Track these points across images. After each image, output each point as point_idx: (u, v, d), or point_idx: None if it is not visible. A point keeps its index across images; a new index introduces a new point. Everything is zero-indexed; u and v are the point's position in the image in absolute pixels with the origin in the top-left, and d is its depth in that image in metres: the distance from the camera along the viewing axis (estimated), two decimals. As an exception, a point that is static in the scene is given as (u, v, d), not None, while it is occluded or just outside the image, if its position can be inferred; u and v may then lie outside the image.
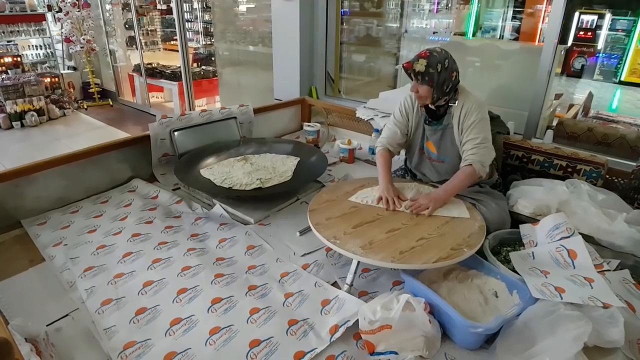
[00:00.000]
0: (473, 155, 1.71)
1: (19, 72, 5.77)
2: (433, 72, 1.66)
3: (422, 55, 1.68)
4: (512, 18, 5.60)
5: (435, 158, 1.90)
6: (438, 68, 1.66)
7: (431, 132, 1.86)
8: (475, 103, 1.74)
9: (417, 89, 1.73)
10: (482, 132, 1.72)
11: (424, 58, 1.67)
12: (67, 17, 5.98)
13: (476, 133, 1.72)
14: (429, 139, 1.89)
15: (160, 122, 2.39)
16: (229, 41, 4.82)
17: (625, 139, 2.37)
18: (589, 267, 1.37)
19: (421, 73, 1.67)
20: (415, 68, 1.68)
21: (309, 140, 3.01)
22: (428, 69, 1.66)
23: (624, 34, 7.07)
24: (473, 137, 1.72)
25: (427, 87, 1.70)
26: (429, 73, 1.66)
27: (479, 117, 1.72)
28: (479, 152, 1.71)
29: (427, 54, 1.68)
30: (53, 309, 1.43)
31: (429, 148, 1.91)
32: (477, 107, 1.73)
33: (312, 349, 1.28)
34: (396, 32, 3.81)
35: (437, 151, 1.87)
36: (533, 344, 1.16)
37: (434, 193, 1.75)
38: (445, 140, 1.83)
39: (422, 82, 1.69)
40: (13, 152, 4.69)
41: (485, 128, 1.75)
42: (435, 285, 1.46)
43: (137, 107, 6.57)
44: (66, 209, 2.08)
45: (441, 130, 1.82)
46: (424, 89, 1.71)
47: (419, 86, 1.72)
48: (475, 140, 1.72)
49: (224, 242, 1.84)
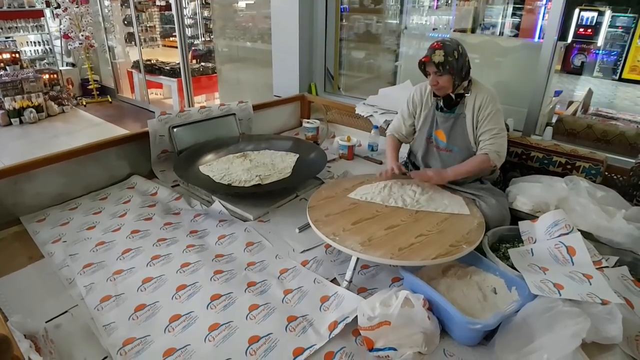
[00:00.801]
0: (491, 145, 1.75)
1: (17, 68, 5.76)
2: (452, 60, 1.68)
3: (437, 47, 1.69)
4: (512, 14, 5.58)
5: (444, 147, 1.90)
6: (455, 55, 1.69)
7: (443, 119, 1.87)
8: (489, 95, 1.76)
9: (437, 80, 1.74)
10: (498, 123, 1.76)
11: (439, 49, 1.69)
12: (66, 13, 5.96)
13: (494, 124, 1.75)
14: (440, 127, 1.89)
15: (159, 119, 2.38)
16: (228, 37, 4.81)
17: (625, 136, 2.37)
18: (588, 263, 1.38)
19: (441, 63, 1.68)
20: (434, 60, 1.69)
21: (308, 136, 3.01)
22: (447, 57, 1.68)
23: (623, 31, 7.05)
24: (490, 127, 1.75)
25: (449, 76, 1.72)
26: (449, 61, 1.68)
27: (495, 109, 1.75)
28: (496, 142, 1.74)
29: (441, 44, 1.70)
30: (52, 306, 1.43)
31: (437, 137, 1.92)
32: (492, 99, 1.75)
33: (311, 345, 1.28)
34: (396, 28, 3.79)
35: (447, 139, 1.88)
36: (532, 340, 1.16)
37: (442, 170, 1.79)
38: (456, 130, 1.84)
39: (443, 73, 1.71)
40: (12, 149, 4.68)
41: (501, 119, 1.78)
42: (434, 281, 1.46)
43: (136, 103, 6.56)
44: (65, 205, 2.08)
45: (453, 119, 1.83)
46: (445, 79, 1.73)
47: (439, 77, 1.73)
48: (492, 131, 1.75)
49: (223, 239, 1.84)
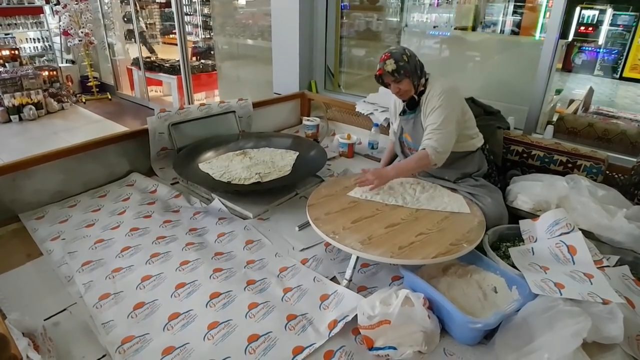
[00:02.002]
0: (427, 140, 1.74)
1: (16, 65, 5.74)
2: (404, 64, 1.73)
3: (386, 57, 1.73)
4: (513, 12, 5.57)
5: (413, 147, 1.95)
6: (405, 58, 1.73)
7: (405, 122, 1.93)
8: (439, 89, 1.76)
9: (398, 87, 1.78)
10: (440, 117, 1.71)
11: (389, 59, 1.73)
12: (65, 9, 5.94)
13: (434, 118, 1.73)
14: (405, 129, 1.95)
15: (159, 116, 2.37)
16: (228, 35, 4.79)
17: (626, 134, 2.36)
18: (589, 263, 1.37)
19: (395, 70, 1.72)
20: (387, 70, 1.73)
21: (308, 134, 3.00)
22: (398, 63, 1.72)
23: (624, 29, 7.04)
24: (431, 122, 1.75)
25: (407, 79, 1.75)
26: (401, 66, 1.72)
27: (440, 103, 1.73)
28: (433, 137, 1.72)
29: (389, 54, 1.74)
30: (51, 304, 1.43)
31: (406, 138, 1.98)
32: (439, 93, 1.74)
33: (310, 343, 1.27)
34: (396, 26, 3.78)
35: (412, 140, 1.93)
36: (532, 340, 1.16)
37: (383, 169, 1.80)
38: (417, 129, 1.87)
39: (400, 78, 1.74)
40: (11, 146, 4.67)
41: (446, 113, 1.71)
42: (434, 280, 1.46)
43: (136, 100, 6.55)
44: (64, 203, 2.07)
45: (412, 119, 1.88)
46: (405, 83, 1.77)
47: (399, 85, 1.77)
48: (432, 126, 1.74)
49: (223, 237, 1.83)
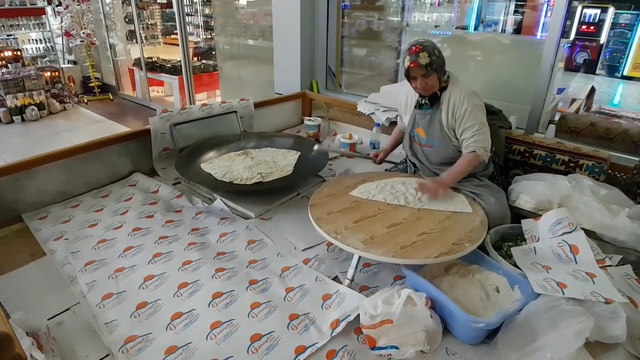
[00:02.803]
0: (475, 143, 1.76)
1: (19, 66, 5.75)
2: (435, 59, 1.72)
3: (418, 50, 1.71)
4: (514, 12, 5.56)
5: (425, 143, 1.94)
6: (436, 53, 1.72)
7: (421, 116, 1.91)
8: (463, 92, 1.77)
9: (425, 82, 1.75)
10: (477, 119, 1.76)
11: (422, 51, 1.70)
12: (67, 10, 5.96)
13: (472, 120, 1.76)
14: (419, 124, 1.93)
15: (161, 116, 2.37)
16: (229, 35, 4.79)
17: (628, 133, 2.35)
18: (591, 262, 1.37)
19: (428, 64, 1.70)
20: (422, 63, 1.70)
21: (309, 134, 3.00)
22: (431, 57, 1.70)
23: (627, 28, 7.01)
24: (470, 124, 1.76)
25: (435, 75, 1.74)
26: (433, 60, 1.71)
27: (471, 105, 1.76)
28: (479, 139, 1.76)
29: (421, 47, 1.71)
30: (54, 303, 1.43)
31: (418, 133, 1.96)
32: (466, 96, 1.76)
33: (313, 343, 1.28)
34: (397, 25, 3.77)
35: (426, 135, 1.92)
36: (534, 339, 1.16)
37: (438, 177, 1.79)
38: (434, 125, 1.86)
39: (431, 72, 1.73)
40: (14, 146, 4.69)
41: (480, 114, 1.78)
42: (436, 280, 1.46)
43: (138, 101, 6.56)
44: (67, 203, 2.08)
45: (430, 115, 1.86)
46: (432, 79, 1.75)
47: (426, 79, 1.74)
48: (473, 128, 1.76)
49: (225, 237, 1.84)
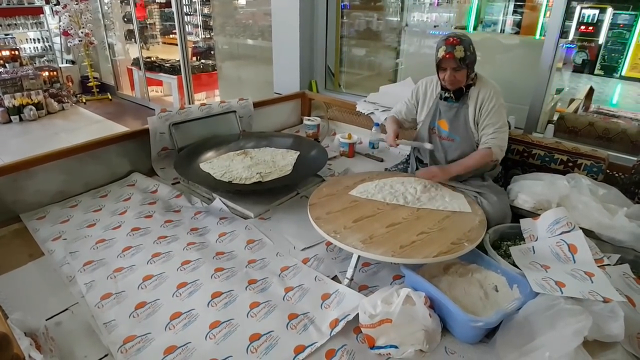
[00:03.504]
0: (494, 140, 1.77)
1: (16, 65, 5.74)
2: (470, 54, 1.71)
3: (456, 42, 1.68)
4: (513, 12, 5.57)
5: (446, 136, 1.91)
6: (471, 49, 1.72)
7: (446, 108, 1.88)
8: (494, 89, 1.78)
9: (454, 75, 1.74)
10: (501, 118, 1.78)
11: (459, 44, 1.68)
12: (65, 10, 5.94)
13: (497, 118, 1.76)
14: (443, 116, 1.90)
15: (160, 116, 2.37)
16: (228, 35, 4.79)
17: (626, 133, 2.36)
18: (590, 261, 1.37)
19: (462, 58, 1.69)
20: (457, 56, 1.68)
21: (309, 134, 3.00)
22: (466, 52, 1.69)
23: (625, 29, 7.04)
24: (494, 121, 1.77)
25: (465, 70, 1.73)
26: (468, 56, 1.70)
27: (499, 103, 1.76)
28: (498, 137, 1.77)
29: (458, 40, 1.69)
30: (53, 303, 1.43)
31: (440, 126, 1.92)
32: (496, 93, 1.77)
33: (312, 342, 1.28)
34: (397, 25, 3.78)
35: (449, 128, 1.89)
36: (533, 338, 1.16)
37: (447, 166, 1.79)
38: (459, 119, 1.85)
39: (461, 67, 1.72)
40: (12, 146, 4.67)
41: (504, 114, 1.80)
42: (435, 279, 1.46)
43: (136, 101, 6.55)
44: (65, 203, 2.07)
45: (456, 108, 1.85)
46: (462, 74, 1.74)
47: (456, 73, 1.73)
48: (495, 125, 1.77)
49: (224, 236, 1.84)
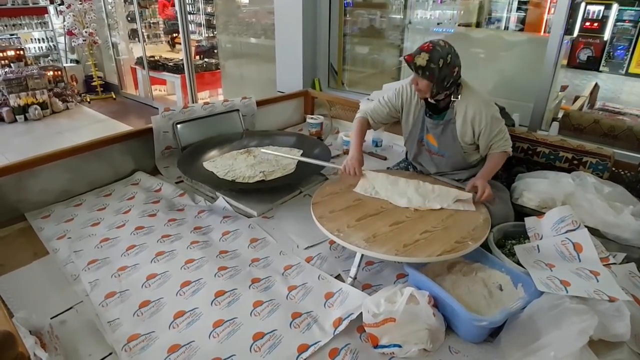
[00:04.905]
0: (505, 142, 1.79)
1: (21, 65, 5.77)
2: (434, 68, 1.60)
3: (425, 49, 1.62)
4: (517, 9, 5.54)
5: (436, 152, 1.89)
6: (440, 63, 1.60)
7: (432, 125, 1.83)
8: (480, 104, 1.72)
9: (416, 82, 1.70)
10: (499, 123, 1.77)
11: (426, 52, 1.61)
12: (69, 9, 5.97)
13: (496, 126, 1.76)
14: (430, 132, 1.86)
15: (163, 115, 2.38)
16: (231, 33, 4.79)
17: (632, 131, 2.34)
18: (595, 260, 1.36)
19: (422, 67, 1.61)
20: (416, 62, 1.62)
21: (312, 132, 3.00)
22: (429, 64, 1.60)
23: (631, 24, 6.97)
24: (497, 130, 1.76)
25: (427, 81, 1.65)
26: (430, 68, 1.60)
27: (489, 116, 1.72)
28: (506, 138, 1.81)
29: (430, 47, 1.61)
30: (57, 302, 1.44)
31: (429, 141, 1.89)
32: (484, 106, 1.72)
33: (315, 341, 1.28)
34: (400, 23, 3.77)
35: (437, 145, 1.86)
36: (538, 338, 1.15)
37: (480, 179, 1.71)
38: (447, 136, 1.80)
39: (422, 77, 1.65)
40: (16, 146, 4.70)
41: (498, 117, 1.78)
42: (439, 278, 1.46)
43: (140, 100, 6.57)
44: (70, 202, 2.08)
45: (442, 125, 1.80)
46: (423, 84, 1.67)
47: (419, 79, 1.68)
48: (500, 134, 1.77)
49: (227, 235, 1.84)
